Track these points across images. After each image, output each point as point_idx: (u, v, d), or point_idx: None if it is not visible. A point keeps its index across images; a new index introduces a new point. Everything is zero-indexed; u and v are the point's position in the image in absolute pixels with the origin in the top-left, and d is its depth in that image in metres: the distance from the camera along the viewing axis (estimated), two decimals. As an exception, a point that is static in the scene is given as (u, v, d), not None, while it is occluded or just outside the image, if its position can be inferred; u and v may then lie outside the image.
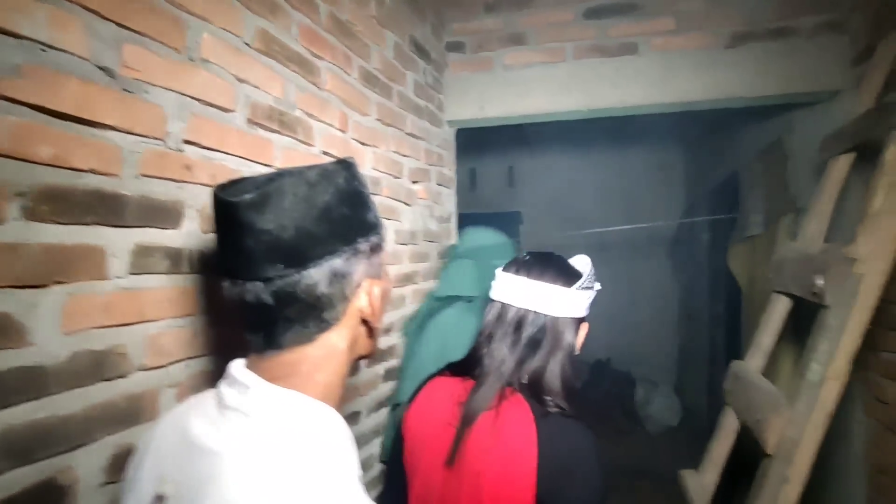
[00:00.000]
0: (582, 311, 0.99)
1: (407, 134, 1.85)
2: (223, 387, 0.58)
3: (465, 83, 2.22)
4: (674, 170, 5.55)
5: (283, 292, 0.55)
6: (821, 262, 1.10)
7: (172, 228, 0.89)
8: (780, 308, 1.38)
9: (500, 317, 0.98)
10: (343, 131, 1.43)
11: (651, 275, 5.55)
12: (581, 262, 1.05)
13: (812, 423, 1.06)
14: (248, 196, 0.54)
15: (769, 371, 2.18)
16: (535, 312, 0.96)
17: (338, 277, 0.57)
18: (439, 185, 2.16)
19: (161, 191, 0.87)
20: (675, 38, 2.02)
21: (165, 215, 0.88)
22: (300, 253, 0.55)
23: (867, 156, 1.40)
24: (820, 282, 1.07)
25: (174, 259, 0.89)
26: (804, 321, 1.44)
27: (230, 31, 1.02)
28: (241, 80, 1.05)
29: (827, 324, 1.06)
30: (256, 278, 0.55)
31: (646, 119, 2.52)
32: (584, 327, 1.03)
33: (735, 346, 3.83)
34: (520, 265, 1.01)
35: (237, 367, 0.59)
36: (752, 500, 1.10)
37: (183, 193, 0.91)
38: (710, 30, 1.99)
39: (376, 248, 0.63)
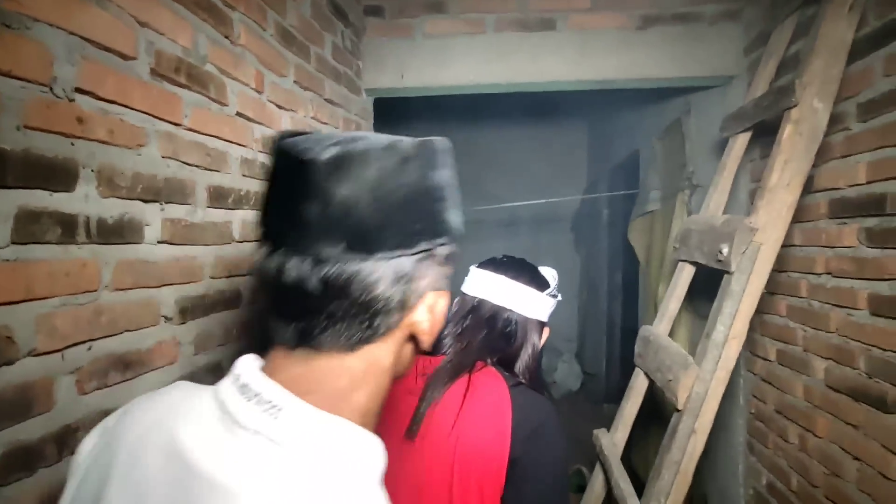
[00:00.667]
0: (546, 316, 1.07)
1: (325, 100, 1.75)
2: (231, 395, 0.46)
3: (384, 50, 2.14)
4: (578, 148, 5.83)
5: (334, 280, 0.44)
6: (725, 232, 1.20)
7: (65, 191, 0.77)
8: (684, 276, 1.49)
9: (474, 309, 1.03)
10: (259, 92, 1.32)
11: (555, 248, 5.82)
12: (549, 273, 1.14)
13: (717, 379, 1.16)
14: (328, 154, 0.44)
15: (675, 332, 2.38)
16: (509, 310, 1.02)
17: (403, 280, 0.47)
18: (358, 155, 2.08)
19: (49, 147, 0.74)
20: (591, 17, 2.08)
21: (55, 175, 0.75)
22: (370, 237, 0.45)
23: (761, 135, 1.54)
24: (725, 250, 1.17)
25: (68, 227, 0.77)
26: (698, 287, 1.58)
27: (128, -35, 0.88)
28: (142, 24, 0.92)
29: (730, 289, 1.16)
30: (308, 253, 0.44)
31: (553, 97, 2.59)
32: (546, 331, 1.09)
33: (631, 315, 4.15)
34: (497, 265, 1.07)
35: (252, 369, 0.47)
36: (663, 453, 1.20)
37: (76, 151, 0.78)
38: (622, 10, 2.07)
39: (451, 258, 0.53)
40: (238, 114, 1.23)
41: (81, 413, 0.80)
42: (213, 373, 1.13)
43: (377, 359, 0.49)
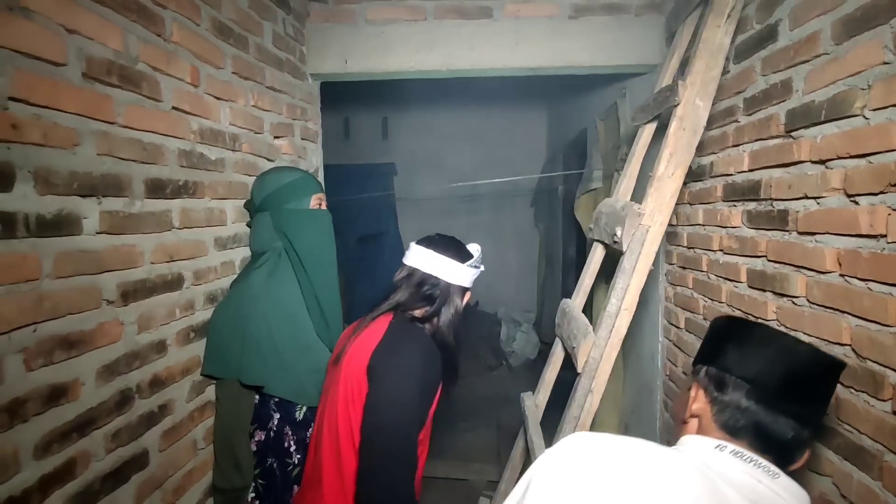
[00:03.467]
0: (468, 283, 1.34)
1: (267, 88, 1.82)
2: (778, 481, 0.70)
3: (327, 35, 2.20)
4: (537, 126, 5.95)
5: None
6: (621, 216, 1.35)
7: (3, 192, 0.85)
8: (597, 254, 1.65)
9: (409, 276, 1.30)
10: (195, 86, 1.39)
11: (515, 223, 6.00)
12: (473, 248, 1.38)
13: (610, 346, 1.33)
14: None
15: (594, 306, 2.56)
16: (435, 276, 1.28)
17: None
18: (304, 139, 2.16)
19: (-15, 152, 0.83)
20: (526, 6, 2.18)
21: (-7, 178, 0.84)
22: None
23: (663, 126, 1.69)
24: (619, 232, 1.32)
25: (8, 224, 0.86)
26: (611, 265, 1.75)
27: (54, -23, 0.95)
28: (71, 31, 0.99)
29: (623, 266, 1.32)
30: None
31: (513, 78, 2.69)
32: (468, 295, 1.38)
33: (582, 286, 4.38)
34: (429, 241, 1.33)
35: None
36: (566, 410, 1.37)
37: (12, 154, 0.87)
38: (555, 0, 2.17)
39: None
40: (174, 108, 1.30)
41: (29, 387, 0.90)
42: (156, 350, 1.24)
43: None
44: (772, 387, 0.74)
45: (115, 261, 1.11)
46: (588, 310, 1.94)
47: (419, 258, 1.30)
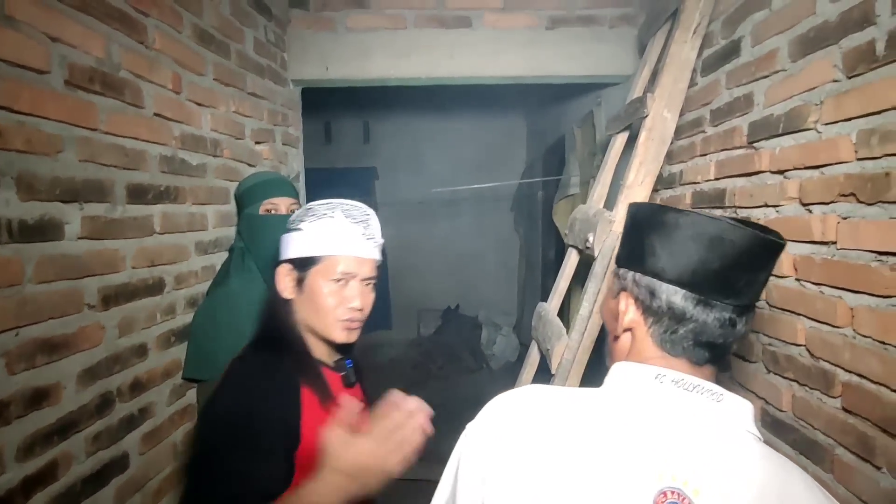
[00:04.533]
0: (289, 252, 1.03)
1: (248, 94, 1.84)
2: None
3: (308, 42, 2.23)
4: (517, 132, 6.04)
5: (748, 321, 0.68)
6: (593, 222, 1.40)
7: (-14, 198, 0.87)
8: (572, 259, 1.70)
9: None
10: (177, 92, 1.41)
11: (496, 227, 6.07)
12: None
13: (582, 348, 1.38)
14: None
15: (569, 310, 2.62)
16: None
17: None
18: (285, 144, 2.18)
19: (-31, 159, 0.84)
20: (504, 16, 2.23)
21: (-24, 184, 0.85)
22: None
23: (634, 136, 1.76)
24: (591, 238, 1.38)
25: (-10, 229, 0.88)
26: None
27: (38, -14, 0.97)
28: (54, 39, 1.00)
29: (595, 271, 1.37)
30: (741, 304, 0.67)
31: (494, 85, 2.73)
32: (286, 273, 1.03)
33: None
34: None
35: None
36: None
37: (-5, 161, 0.88)
38: (532, 11, 2.23)
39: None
40: (156, 114, 1.32)
41: (12, 390, 0.92)
42: (137, 353, 1.25)
43: None
44: (709, 285, 0.65)
45: (97, 265, 1.12)
46: (564, 313, 2.00)
47: None
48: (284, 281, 1.03)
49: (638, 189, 1.37)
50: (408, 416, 0.85)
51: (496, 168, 5.85)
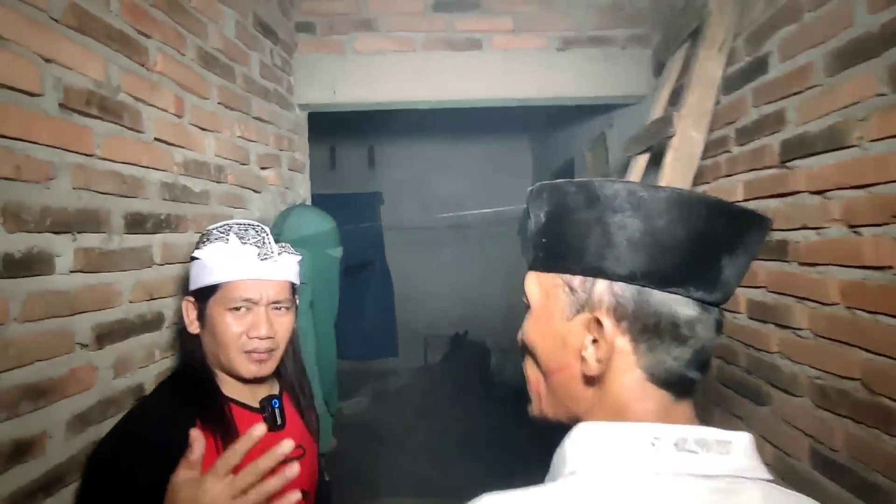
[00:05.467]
0: (189, 284, 1.01)
1: (254, 118, 1.78)
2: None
3: (316, 66, 2.19)
4: (522, 155, 6.01)
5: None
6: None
7: (-33, 230, 0.79)
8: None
9: None
10: (179, 116, 1.35)
11: (501, 251, 5.98)
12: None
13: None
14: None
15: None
16: None
17: None
18: (291, 170, 2.12)
19: (-51, 188, 0.77)
20: (514, 38, 2.19)
21: (-44, 216, 0.78)
22: None
23: (655, 158, 1.69)
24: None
25: (-29, 264, 0.80)
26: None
27: (31, 4, 0.91)
28: (48, 60, 0.94)
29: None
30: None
31: (499, 109, 2.69)
32: (190, 307, 1.00)
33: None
34: None
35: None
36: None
37: (-21, 190, 0.81)
38: (543, 32, 2.19)
39: None
40: (156, 139, 1.25)
41: (-10, 443, 0.82)
42: (133, 395, 1.16)
43: None
44: (694, 277, 0.50)
45: (90, 301, 1.04)
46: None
47: None
48: (188, 315, 0.99)
49: (666, 212, 1.29)
50: (273, 460, 0.74)
51: (502, 191, 5.81)
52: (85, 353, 1.02)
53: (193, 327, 0.98)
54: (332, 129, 5.20)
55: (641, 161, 1.63)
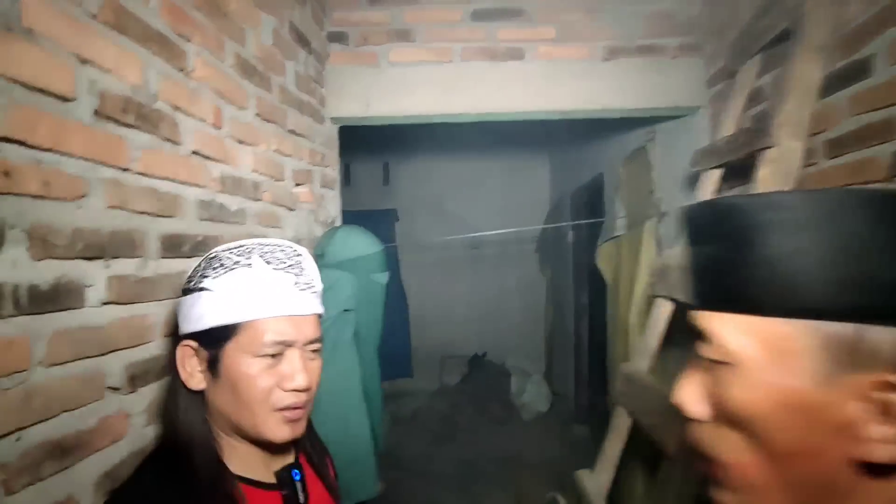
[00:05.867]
0: (188, 324, 0.75)
1: (288, 131, 1.66)
2: None
3: (348, 77, 2.07)
4: (540, 171, 5.89)
5: None
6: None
7: (-13, 258, 0.66)
8: (663, 312, 1.46)
9: None
10: (217, 127, 1.22)
11: (520, 269, 5.84)
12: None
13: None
14: None
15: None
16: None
17: None
18: (323, 186, 2.00)
19: (-33, 208, 0.63)
20: (558, 48, 2.08)
21: (-25, 241, 0.64)
22: None
23: (733, 172, 1.55)
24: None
25: (-9, 299, 0.66)
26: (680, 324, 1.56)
27: (67, -3, 0.79)
28: (84, 62, 0.82)
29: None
30: None
31: (516, 124, 2.57)
32: (189, 354, 0.75)
33: (599, 335, 4.16)
34: None
35: None
36: (657, 501, 1.15)
37: (2, 209, 0.68)
38: (588, 42, 2.08)
39: None
40: (194, 152, 1.13)
41: (7, 516, 0.68)
42: (166, 443, 1.01)
43: None
44: None
45: (123, 337, 0.90)
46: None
47: None
48: (189, 365, 0.74)
49: (763, 232, 1.15)
50: None
51: (518, 207, 5.69)
52: (116, 397, 0.88)
53: (195, 381, 0.74)
54: (347, 145, 5.07)
55: (714, 176, 1.49)
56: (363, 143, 5.10)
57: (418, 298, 5.57)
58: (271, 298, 0.73)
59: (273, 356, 0.73)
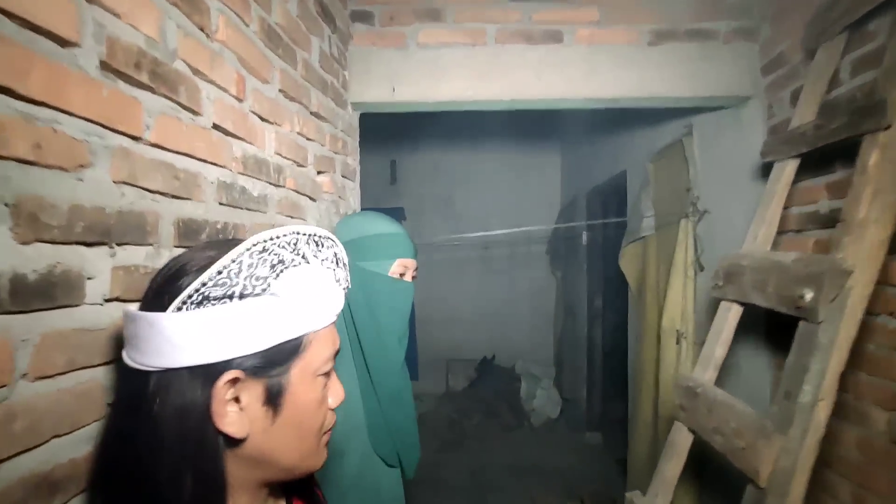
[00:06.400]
0: (233, 347, 0.52)
1: (311, 113, 1.50)
2: None
3: (372, 60, 1.92)
4: (551, 169, 5.74)
5: None
6: (807, 273, 1.02)
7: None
8: (731, 318, 1.31)
9: None
10: (240, 100, 1.06)
11: (530, 270, 5.69)
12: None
13: (806, 449, 0.97)
14: None
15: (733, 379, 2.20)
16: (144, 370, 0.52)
17: None
18: (344, 176, 1.83)
19: (-70, 169, 0.47)
20: (600, 31, 1.92)
21: (-59, 214, 0.48)
22: None
23: (813, 162, 1.39)
24: (809, 296, 0.99)
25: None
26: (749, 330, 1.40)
27: (70, -86, 0.63)
28: (90, 0, 0.66)
29: (818, 341, 0.98)
30: None
31: (523, 119, 2.40)
32: (238, 387, 0.53)
33: (615, 340, 4.01)
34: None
35: None
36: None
37: (-21, 175, 0.52)
38: (633, 25, 1.92)
39: None
40: (215, 126, 0.97)
41: (-22, 577, 0.52)
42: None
43: None
44: None
45: (130, 341, 0.74)
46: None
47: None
48: (230, 405, 0.52)
49: (873, 228, 0.99)
50: None
51: (529, 206, 5.55)
52: (121, 416, 0.72)
53: (239, 426, 0.52)
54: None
55: (791, 167, 1.33)
56: (370, 140, 4.95)
57: (424, 300, 5.41)
58: (328, 302, 0.58)
59: (325, 375, 0.58)
